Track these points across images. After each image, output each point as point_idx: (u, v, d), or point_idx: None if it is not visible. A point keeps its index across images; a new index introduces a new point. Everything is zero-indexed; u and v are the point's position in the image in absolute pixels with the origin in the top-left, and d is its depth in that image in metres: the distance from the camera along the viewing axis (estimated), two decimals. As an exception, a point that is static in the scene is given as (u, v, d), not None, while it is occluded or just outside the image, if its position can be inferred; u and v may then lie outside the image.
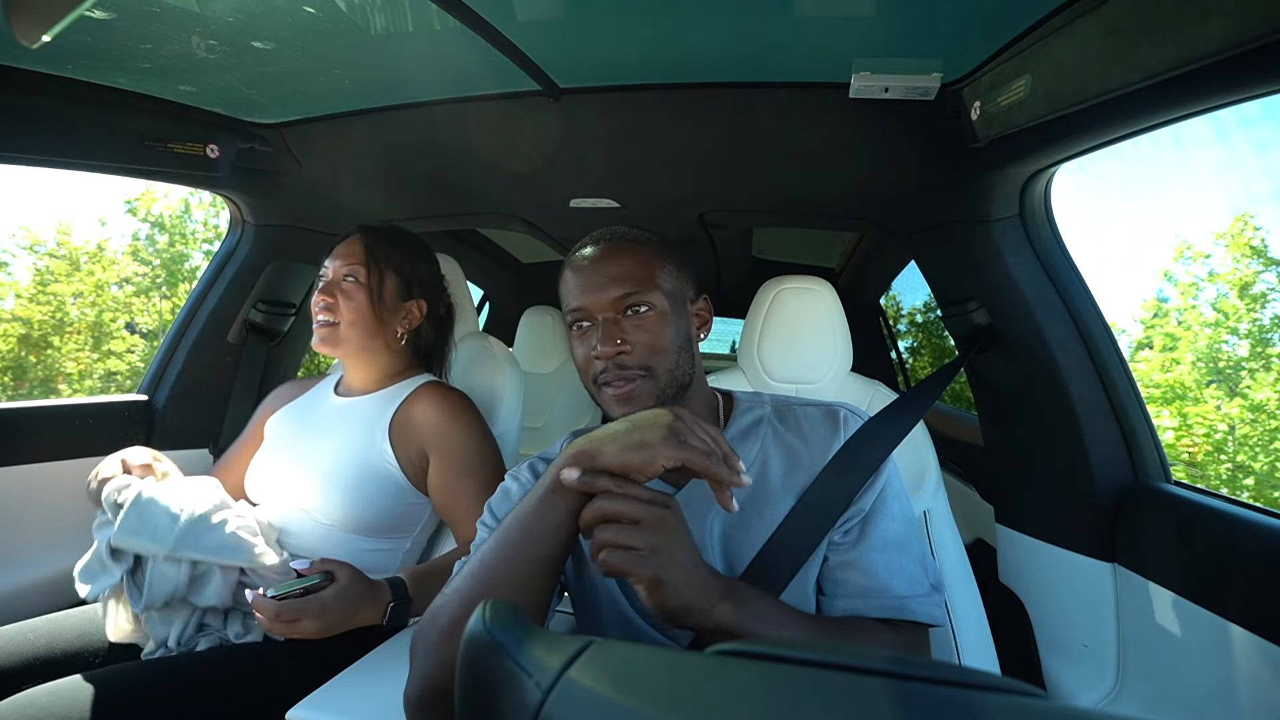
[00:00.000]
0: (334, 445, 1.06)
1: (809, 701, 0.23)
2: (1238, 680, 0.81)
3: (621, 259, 0.72)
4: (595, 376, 0.71)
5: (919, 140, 1.07)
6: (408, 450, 1.06)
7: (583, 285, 0.72)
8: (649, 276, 0.72)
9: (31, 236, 12.14)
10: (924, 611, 0.67)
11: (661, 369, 0.70)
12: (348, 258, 1.08)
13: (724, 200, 1.48)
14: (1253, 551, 0.82)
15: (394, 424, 1.06)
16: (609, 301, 0.70)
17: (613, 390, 0.70)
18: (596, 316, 0.71)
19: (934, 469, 1.08)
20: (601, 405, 0.73)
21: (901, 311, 3.71)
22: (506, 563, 0.57)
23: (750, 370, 1.23)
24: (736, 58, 0.93)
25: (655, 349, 0.70)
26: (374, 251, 1.09)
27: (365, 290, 1.07)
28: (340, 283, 1.08)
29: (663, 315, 0.71)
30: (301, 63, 0.98)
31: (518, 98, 1.06)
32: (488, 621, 0.30)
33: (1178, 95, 0.69)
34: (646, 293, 0.71)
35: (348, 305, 1.06)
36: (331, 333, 1.07)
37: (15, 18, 0.68)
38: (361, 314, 1.07)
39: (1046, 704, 0.23)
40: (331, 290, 1.07)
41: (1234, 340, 9.29)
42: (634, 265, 0.72)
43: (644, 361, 0.70)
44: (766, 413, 0.79)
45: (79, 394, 11.01)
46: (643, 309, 0.71)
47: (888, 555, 0.69)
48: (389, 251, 1.11)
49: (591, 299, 0.71)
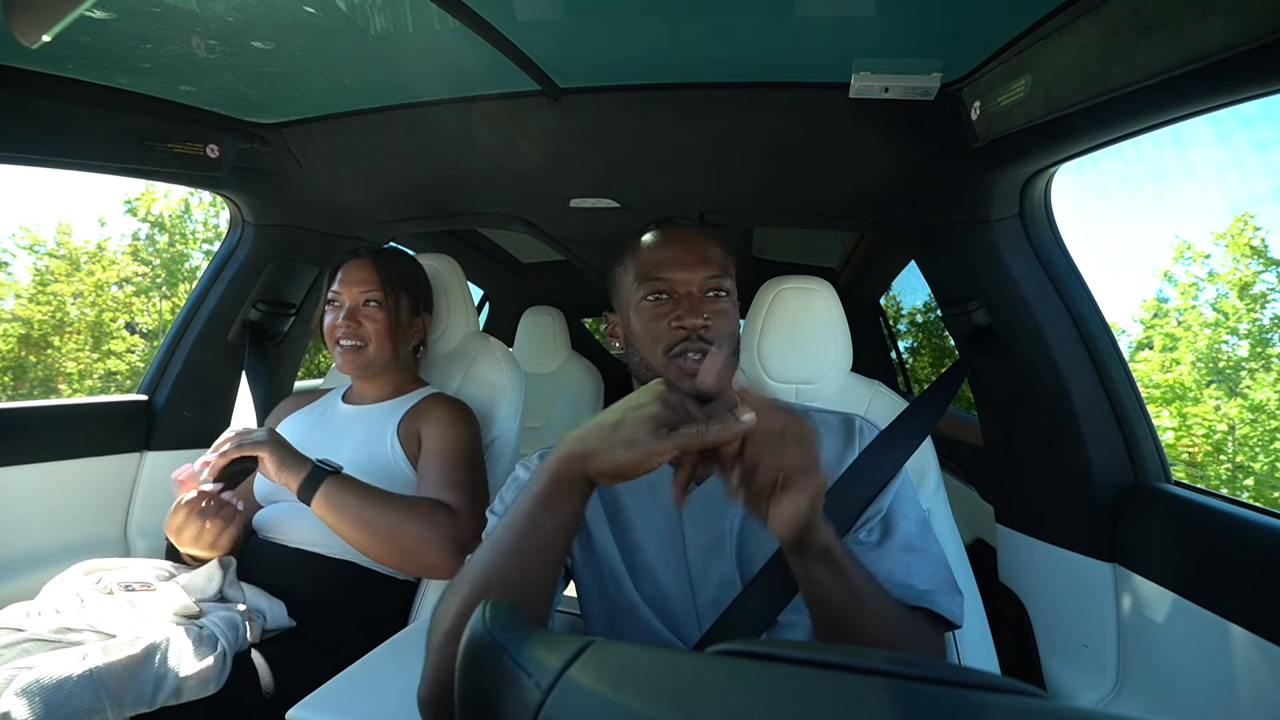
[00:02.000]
0: (348, 446, 1.12)
1: (809, 701, 0.23)
2: (1238, 680, 0.81)
3: (710, 244, 0.76)
4: (670, 346, 0.72)
5: (919, 140, 1.07)
6: (413, 447, 1.12)
7: (672, 258, 0.74)
8: (728, 266, 0.76)
9: (31, 236, 12.15)
10: (947, 607, 0.66)
11: (729, 347, 0.73)
12: (363, 283, 1.15)
13: (724, 200, 1.48)
14: (1253, 551, 0.82)
15: (402, 425, 1.13)
16: (700, 278, 0.74)
17: (691, 358, 0.71)
18: (680, 290, 0.73)
19: (934, 469, 1.08)
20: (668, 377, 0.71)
21: (901, 311, 3.72)
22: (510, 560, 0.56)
23: (750, 370, 1.23)
24: (736, 58, 0.93)
25: (729, 331, 0.74)
26: (386, 275, 1.17)
27: (386, 312, 1.15)
28: (361, 308, 1.15)
29: (735, 303, 0.76)
30: (301, 63, 0.98)
31: (518, 98, 1.06)
32: (488, 621, 0.30)
33: (1178, 95, 0.69)
34: (726, 279, 0.75)
35: (373, 328, 1.15)
36: (359, 355, 1.15)
37: (15, 18, 0.68)
38: (387, 335, 1.16)
39: (1046, 704, 0.23)
40: (355, 316, 1.15)
41: (1234, 340, 9.29)
42: (720, 253, 0.76)
43: (721, 336, 0.72)
44: None
45: (79, 394, 11.03)
46: (722, 294, 0.75)
47: (909, 556, 0.69)
48: (399, 273, 1.19)
49: (683, 273, 0.74)
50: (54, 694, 0.67)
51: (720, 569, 0.71)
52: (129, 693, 0.72)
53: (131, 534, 1.36)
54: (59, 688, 0.68)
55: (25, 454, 1.22)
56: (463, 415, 1.15)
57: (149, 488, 1.39)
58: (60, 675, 0.69)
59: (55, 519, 1.25)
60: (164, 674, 0.76)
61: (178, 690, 0.76)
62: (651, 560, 0.74)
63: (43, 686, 0.67)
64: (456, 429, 1.12)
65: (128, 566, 0.98)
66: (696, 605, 0.72)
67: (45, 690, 0.67)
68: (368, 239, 1.73)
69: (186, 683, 0.77)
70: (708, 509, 0.73)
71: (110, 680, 0.71)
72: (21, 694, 0.66)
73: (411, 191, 1.52)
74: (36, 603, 0.89)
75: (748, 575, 0.71)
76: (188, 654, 0.79)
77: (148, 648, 0.76)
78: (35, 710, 0.66)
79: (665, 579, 0.73)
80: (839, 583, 0.57)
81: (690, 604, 0.72)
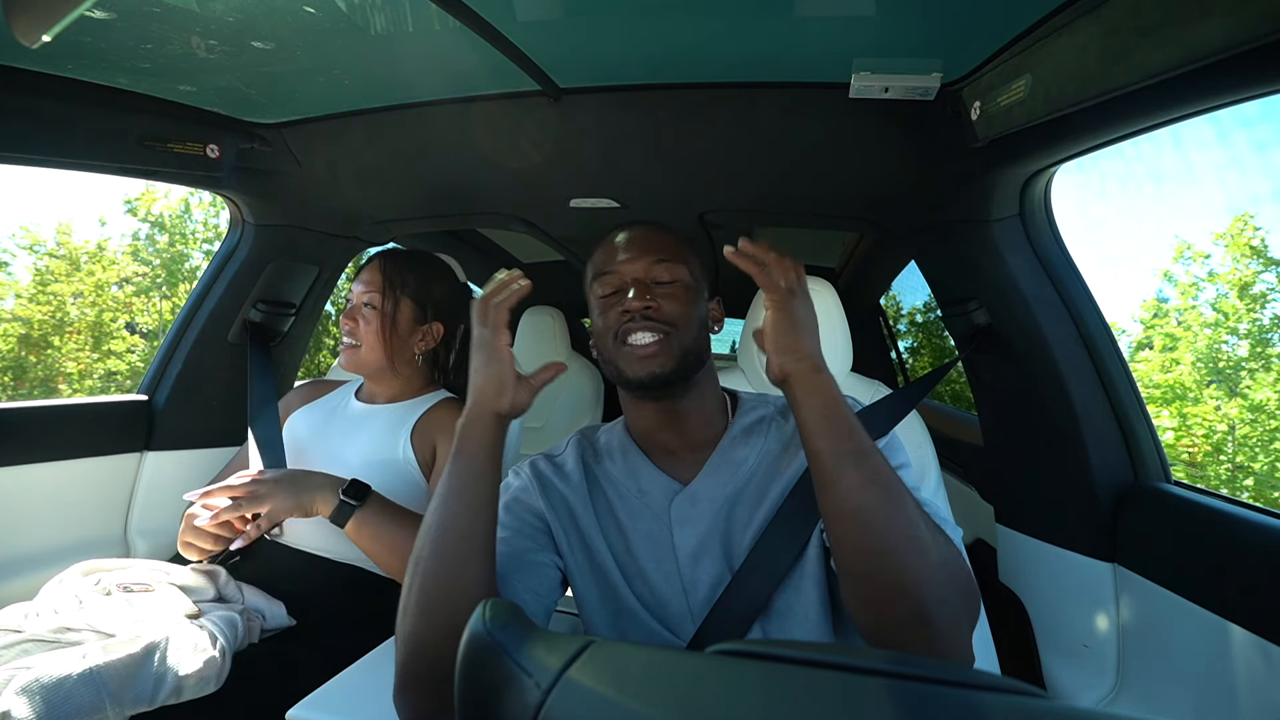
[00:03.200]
0: (360, 443, 1.12)
1: (809, 701, 0.23)
2: (1238, 680, 0.81)
3: (660, 234, 0.77)
4: (618, 329, 0.72)
5: (919, 140, 1.07)
6: (425, 453, 1.11)
7: (619, 250, 0.76)
8: (680, 254, 0.76)
9: (31, 236, 12.16)
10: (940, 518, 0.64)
11: (684, 332, 0.72)
12: (368, 284, 1.16)
13: (724, 200, 1.48)
14: (1253, 551, 0.82)
15: (415, 430, 1.12)
16: (643, 266, 0.74)
17: (636, 341, 0.71)
18: (629, 279, 0.74)
19: (934, 469, 1.08)
20: (620, 366, 0.73)
21: (901, 311, 3.72)
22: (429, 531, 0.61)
23: (750, 370, 1.23)
24: (736, 58, 0.93)
25: (680, 314, 0.72)
26: (391, 279, 1.16)
27: (381, 316, 1.15)
28: (361, 309, 1.16)
29: (688, 289, 0.75)
30: (301, 63, 0.98)
31: (518, 98, 1.06)
32: (488, 621, 0.30)
33: (1178, 95, 0.69)
34: (676, 265, 0.75)
35: (367, 330, 1.15)
36: (354, 354, 1.16)
37: (15, 18, 0.68)
38: (379, 339, 1.15)
39: (1046, 704, 0.23)
40: (353, 315, 1.16)
41: (1234, 340, 9.30)
42: (670, 241, 0.77)
43: (670, 318, 0.72)
44: (770, 412, 0.80)
45: (79, 394, 11.03)
46: (672, 281, 0.74)
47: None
48: (406, 278, 1.18)
49: (630, 263, 0.74)
50: (54, 693, 0.67)
51: (710, 570, 0.71)
52: (129, 691, 0.72)
53: (131, 534, 1.36)
54: (59, 686, 0.68)
55: (25, 454, 1.22)
56: None
57: (149, 488, 1.39)
58: (60, 674, 0.69)
59: (55, 519, 1.25)
60: (164, 672, 0.76)
61: (178, 689, 0.76)
62: (644, 563, 0.74)
63: (43, 685, 0.67)
64: None
65: (126, 567, 0.98)
66: (690, 607, 0.72)
67: (45, 689, 0.67)
68: (367, 239, 1.73)
69: (186, 681, 0.77)
70: (694, 510, 0.73)
71: (110, 679, 0.71)
72: (22, 693, 0.66)
73: (411, 191, 1.52)
74: (35, 604, 0.88)
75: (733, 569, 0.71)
76: (187, 652, 0.79)
77: (147, 646, 0.76)
78: (36, 709, 0.66)
79: (658, 581, 0.73)
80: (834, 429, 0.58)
81: (685, 605, 0.72)
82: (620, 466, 0.79)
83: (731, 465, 0.75)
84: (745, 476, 0.74)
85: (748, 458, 0.76)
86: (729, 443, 0.77)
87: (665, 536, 0.74)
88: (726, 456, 0.76)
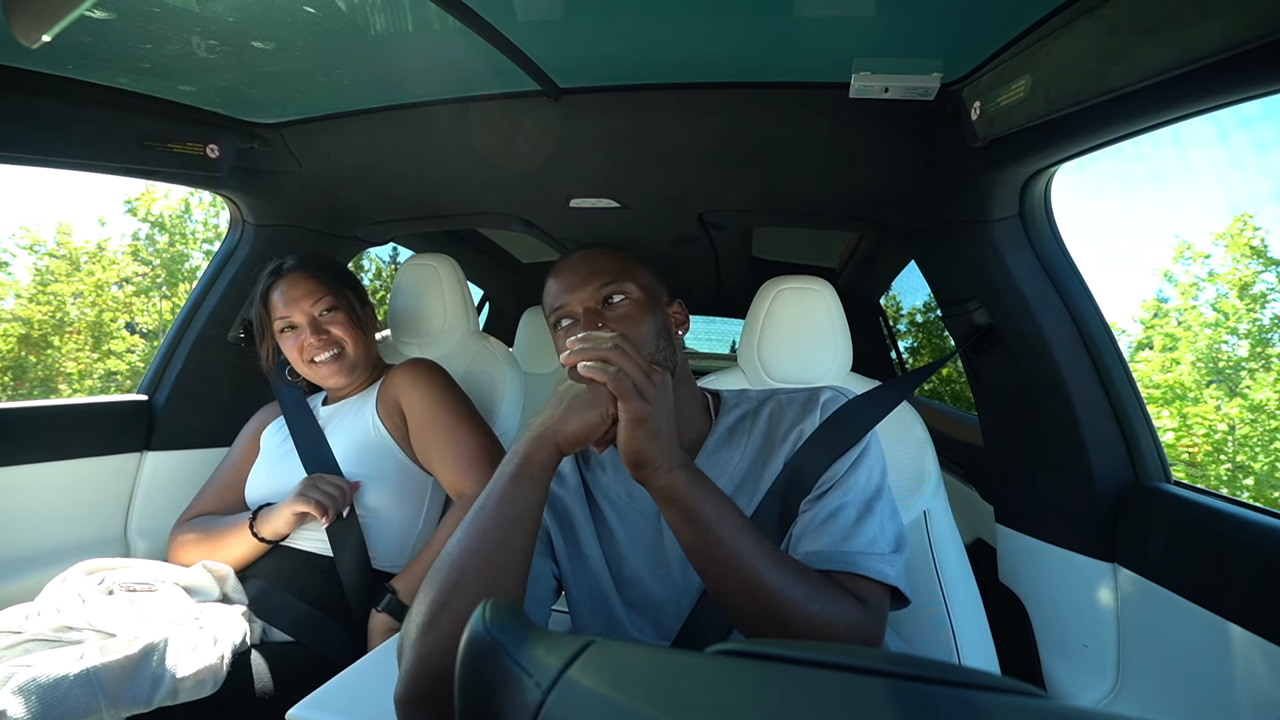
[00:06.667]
0: (336, 440, 1.13)
1: (809, 701, 0.23)
2: (1238, 680, 0.81)
3: (598, 259, 0.77)
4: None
5: (919, 140, 1.07)
6: (393, 418, 1.13)
7: (563, 285, 0.76)
8: (624, 271, 0.76)
9: (31, 236, 12.15)
10: (872, 567, 0.64)
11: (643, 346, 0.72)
12: (309, 295, 1.14)
13: (724, 200, 1.48)
14: (1253, 551, 0.82)
15: (380, 402, 1.15)
16: (588, 293, 0.74)
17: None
18: (578, 310, 0.74)
19: (934, 469, 1.08)
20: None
21: (901, 311, 3.71)
22: (476, 553, 0.57)
23: (750, 370, 1.23)
24: (736, 58, 0.93)
25: (634, 332, 0.72)
26: (325, 277, 1.16)
27: (345, 311, 1.15)
28: (320, 318, 1.14)
29: (639, 304, 0.75)
30: (301, 63, 0.98)
31: (518, 98, 1.06)
32: (488, 621, 0.30)
33: (1178, 95, 0.69)
34: (622, 283, 0.75)
35: (344, 333, 1.14)
36: (341, 362, 1.15)
37: (15, 18, 0.68)
38: (357, 334, 1.16)
39: (1046, 704, 0.23)
40: (319, 328, 1.13)
41: (1234, 340, 9.30)
42: (610, 262, 0.77)
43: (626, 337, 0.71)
44: (752, 407, 0.81)
45: (79, 394, 11.03)
46: (621, 299, 0.75)
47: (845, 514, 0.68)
48: (333, 274, 1.19)
49: (572, 295, 0.75)
50: (50, 693, 0.67)
51: None
52: (125, 693, 0.72)
53: (131, 534, 1.36)
54: (55, 686, 0.68)
55: (25, 454, 1.22)
56: (423, 369, 1.16)
57: (149, 488, 1.39)
58: (57, 674, 0.69)
59: (55, 519, 1.25)
60: (161, 674, 0.76)
61: (174, 691, 0.76)
62: (638, 568, 0.74)
63: (39, 685, 0.67)
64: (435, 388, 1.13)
65: (129, 566, 0.98)
66: (684, 609, 0.72)
67: (41, 689, 0.67)
68: (367, 239, 1.73)
69: (183, 683, 0.77)
70: None
71: (107, 680, 0.71)
72: (18, 692, 0.66)
73: (411, 191, 1.52)
74: (37, 603, 0.88)
75: None
76: (185, 654, 0.79)
77: (145, 648, 0.76)
78: (31, 708, 0.66)
79: (650, 585, 0.73)
80: (692, 529, 0.59)
81: (677, 609, 0.73)
82: (611, 475, 0.79)
83: (717, 467, 0.76)
84: (732, 478, 0.75)
85: (732, 459, 0.76)
86: (714, 444, 0.77)
87: (657, 540, 0.74)
88: (712, 459, 0.77)
